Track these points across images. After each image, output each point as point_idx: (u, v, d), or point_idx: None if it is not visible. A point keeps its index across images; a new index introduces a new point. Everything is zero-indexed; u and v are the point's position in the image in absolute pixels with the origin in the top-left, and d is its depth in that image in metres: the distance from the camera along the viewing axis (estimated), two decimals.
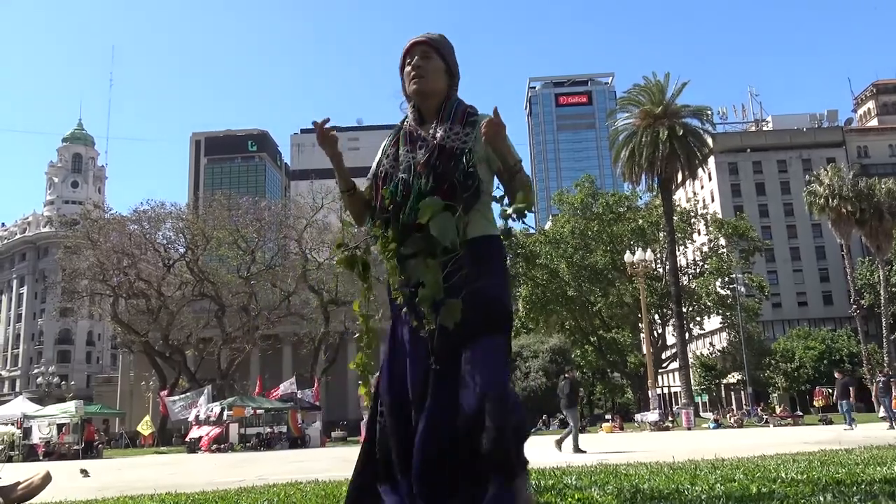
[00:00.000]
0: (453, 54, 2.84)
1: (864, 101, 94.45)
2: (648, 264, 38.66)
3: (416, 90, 2.74)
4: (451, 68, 2.81)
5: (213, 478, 10.53)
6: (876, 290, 51.62)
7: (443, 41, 2.81)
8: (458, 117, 2.70)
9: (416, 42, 2.77)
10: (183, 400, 33.15)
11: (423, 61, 2.73)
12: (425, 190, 2.55)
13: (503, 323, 2.53)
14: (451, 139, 2.64)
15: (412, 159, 2.67)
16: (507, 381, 2.47)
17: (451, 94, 2.80)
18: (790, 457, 7.16)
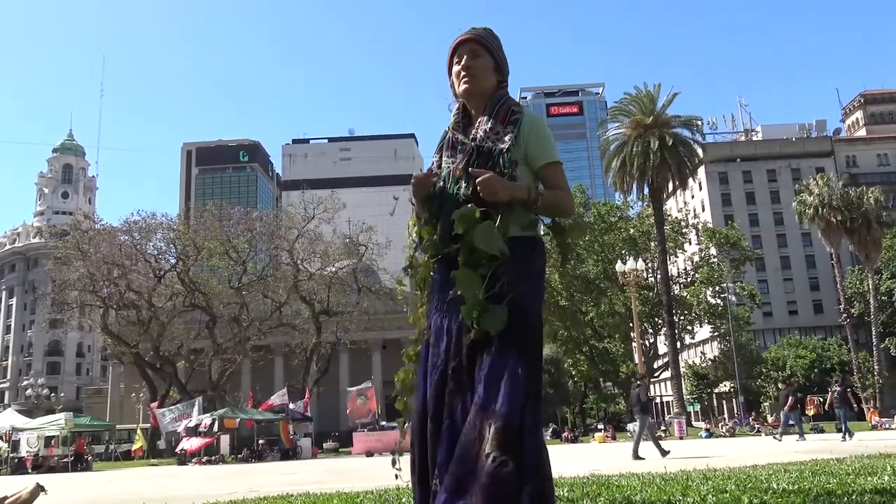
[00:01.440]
0: (501, 49, 2.74)
1: (853, 111, 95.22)
2: (640, 274, 38.76)
3: (466, 91, 2.66)
4: (500, 64, 2.71)
5: (204, 490, 10.46)
6: (866, 299, 51.86)
7: (490, 36, 2.71)
8: (500, 116, 2.60)
9: (464, 40, 2.68)
10: (173, 412, 32.95)
11: (472, 60, 2.64)
12: (462, 196, 2.48)
13: (526, 335, 2.37)
14: (489, 140, 2.56)
15: (451, 164, 2.62)
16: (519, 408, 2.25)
17: (499, 90, 2.70)
18: (782, 467, 7.18)
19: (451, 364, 2.42)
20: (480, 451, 2.18)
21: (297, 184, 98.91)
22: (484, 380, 2.29)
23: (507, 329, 2.32)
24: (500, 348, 2.31)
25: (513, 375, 2.28)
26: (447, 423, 2.35)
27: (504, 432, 2.19)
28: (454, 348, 2.43)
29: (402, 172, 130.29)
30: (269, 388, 48.41)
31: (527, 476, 2.20)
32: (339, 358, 51.86)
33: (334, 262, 43.17)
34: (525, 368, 2.32)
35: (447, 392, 2.40)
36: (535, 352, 2.40)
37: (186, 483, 13.22)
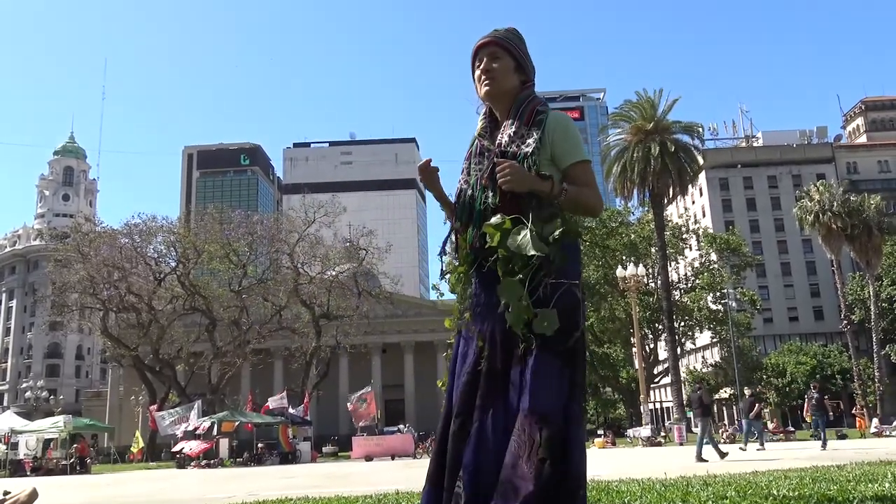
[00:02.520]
0: (524, 47, 2.72)
1: (854, 117, 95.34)
2: (640, 279, 38.75)
3: (487, 94, 2.66)
4: (523, 64, 2.69)
5: (203, 493, 10.45)
6: (866, 306, 51.82)
7: (510, 36, 2.71)
8: (524, 118, 2.58)
9: (483, 43, 2.68)
10: (172, 415, 32.90)
11: (492, 62, 2.64)
12: (490, 205, 2.48)
13: (570, 340, 2.35)
14: (513, 144, 2.54)
15: (479, 172, 2.61)
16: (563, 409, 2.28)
17: (524, 90, 2.67)
18: (782, 473, 7.16)
19: (485, 367, 2.42)
20: (532, 456, 2.19)
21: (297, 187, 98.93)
22: (531, 385, 2.28)
23: (552, 334, 2.31)
24: (545, 354, 2.30)
25: (560, 381, 2.30)
26: (476, 426, 2.35)
27: (553, 438, 2.21)
28: (489, 352, 2.43)
29: (402, 177, 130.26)
30: (268, 391, 48.36)
31: (580, 480, 2.25)
32: (339, 362, 51.85)
33: (335, 266, 43.18)
34: (571, 374, 2.34)
35: (479, 395, 2.39)
36: (580, 357, 2.40)
37: (185, 486, 13.20)
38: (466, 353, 2.53)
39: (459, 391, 2.46)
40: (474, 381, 2.43)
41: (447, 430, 2.46)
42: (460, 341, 2.59)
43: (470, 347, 2.52)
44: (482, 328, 2.49)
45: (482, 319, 2.50)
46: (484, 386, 2.40)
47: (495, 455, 2.28)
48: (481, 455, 2.30)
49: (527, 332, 2.31)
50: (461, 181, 2.70)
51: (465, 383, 2.45)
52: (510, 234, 2.34)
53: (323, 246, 43.00)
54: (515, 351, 2.35)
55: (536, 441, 2.20)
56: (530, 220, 2.37)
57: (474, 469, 2.29)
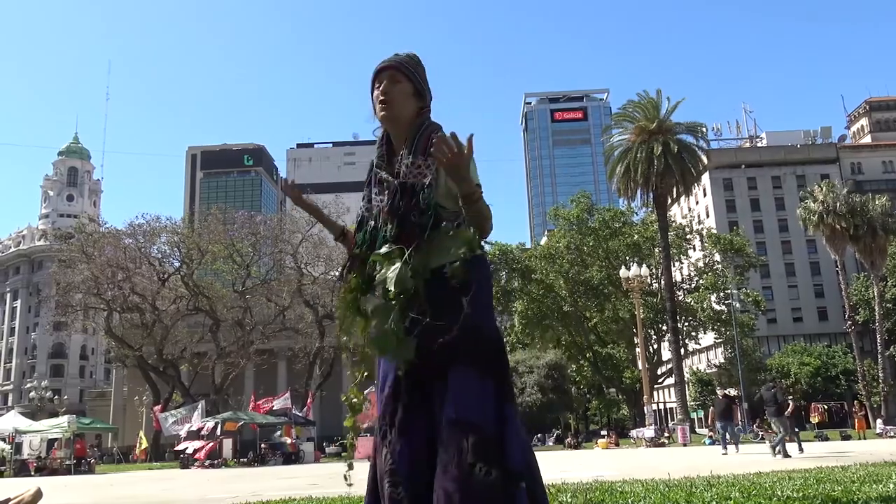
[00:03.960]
0: (422, 74, 2.70)
1: (858, 118, 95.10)
2: (644, 280, 38.68)
3: (383, 117, 2.63)
4: (420, 90, 2.67)
5: (206, 493, 10.45)
6: (871, 306, 51.67)
7: (410, 62, 2.68)
8: (420, 148, 2.56)
9: (383, 67, 2.66)
10: (175, 415, 32.93)
11: (390, 86, 2.61)
12: (389, 238, 2.48)
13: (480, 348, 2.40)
14: (412, 174, 2.52)
15: (380, 203, 2.61)
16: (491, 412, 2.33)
17: (420, 116, 2.65)
18: (786, 474, 7.14)
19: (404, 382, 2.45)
20: (462, 463, 2.24)
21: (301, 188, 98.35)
22: (453, 398, 2.32)
23: (463, 347, 2.35)
24: (461, 366, 2.36)
25: (481, 389, 2.34)
26: (405, 438, 2.39)
27: (483, 443, 2.26)
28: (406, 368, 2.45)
29: None
30: (272, 392, 48.29)
31: (515, 480, 2.27)
32: (342, 362, 51.77)
33: (338, 267, 43.16)
34: (490, 379, 2.37)
35: (401, 408, 2.44)
36: (496, 362, 2.43)
37: (189, 486, 13.21)
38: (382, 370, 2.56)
39: (383, 404, 2.50)
40: (396, 395, 2.47)
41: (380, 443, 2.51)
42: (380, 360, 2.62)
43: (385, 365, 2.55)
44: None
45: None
46: (405, 398, 2.44)
47: (427, 464, 2.33)
48: (414, 465, 2.35)
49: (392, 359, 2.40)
50: (362, 209, 2.71)
51: (388, 396, 2.49)
52: (384, 266, 2.38)
53: (326, 246, 43.02)
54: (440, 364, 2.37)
55: (464, 448, 2.25)
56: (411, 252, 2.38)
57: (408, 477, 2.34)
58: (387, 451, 2.42)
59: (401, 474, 2.36)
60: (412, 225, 2.45)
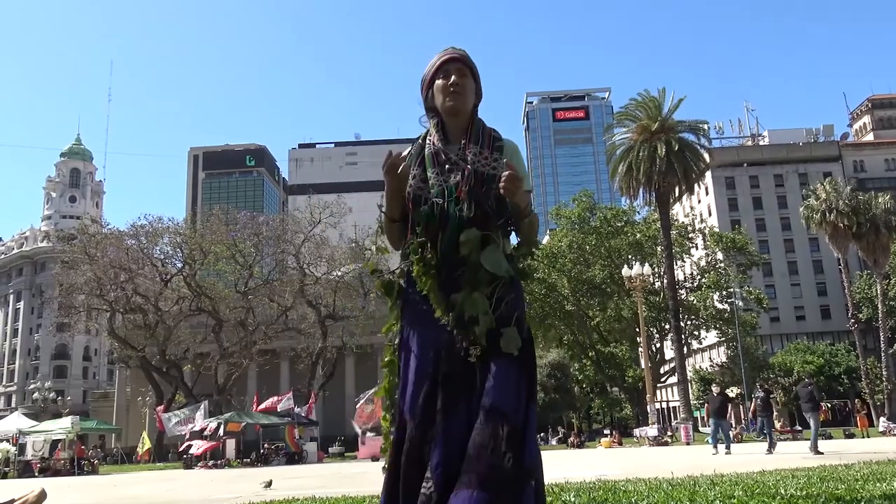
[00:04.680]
0: (479, 76, 2.83)
1: (860, 115, 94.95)
2: (646, 278, 38.63)
3: (453, 107, 2.70)
4: (479, 90, 2.81)
5: (210, 494, 10.47)
6: (874, 304, 51.60)
7: (472, 61, 2.79)
8: (485, 141, 2.68)
9: (453, 58, 2.73)
10: (178, 416, 32.97)
11: (461, 79, 2.71)
12: (466, 218, 2.54)
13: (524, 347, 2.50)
14: (481, 164, 2.62)
15: (444, 183, 2.63)
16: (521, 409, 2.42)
17: (475, 112, 2.78)
18: (789, 472, 7.14)
19: (443, 373, 2.49)
20: (497, 450, 2.31)
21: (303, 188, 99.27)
22: (493, 388, 2.41)
23: (500, 339, 2.46)
24: (503, 359, 2.45)
25: (517, 384, 2.44)
26: (442, 427, 2.42)
27: (513, 434, 2.35)
28: (446, 357, 2.50)
29: None
30: (274, 392, 48.31)
31: (528, 476, 2.37)
32: (345, 362, 51.89)
33: (340, 267, 43.20)
34: (526, 377, 2.48)
35: (441, 400, 2.46)
36: (532, 360, 2.55)
37: (192, 487, 13.23)
38: (418, 356, 2.58)
39: (420, 400, 2.50)
40: (434, 386, 2.49)
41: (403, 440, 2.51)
42: (407, 344, 2.64)
43: (421, 350, 2.58)
44: (437, 335, 2.54)
45: (437, 327, 2.55)
46: (444, 391, 2.47)
47: (461, 454, 2.37)
48: (449, 456, 2.38)
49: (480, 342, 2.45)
50: (413, 186, 2.68)
51: (425, 391, 2.51)
52: (486, 250, 2.49)
53: (328, 246, 43.04)
54: (469, 357, 2.47)
55: (500, 435, 2.33)
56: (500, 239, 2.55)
57: (444, 469, 2.36)
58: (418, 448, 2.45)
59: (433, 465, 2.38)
60: (486, 212, 2.57)
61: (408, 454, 2.47)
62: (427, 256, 2.58)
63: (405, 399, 2.56)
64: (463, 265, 2.52)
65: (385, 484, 2.54)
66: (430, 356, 2.54)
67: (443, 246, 2.56)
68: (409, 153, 2.78)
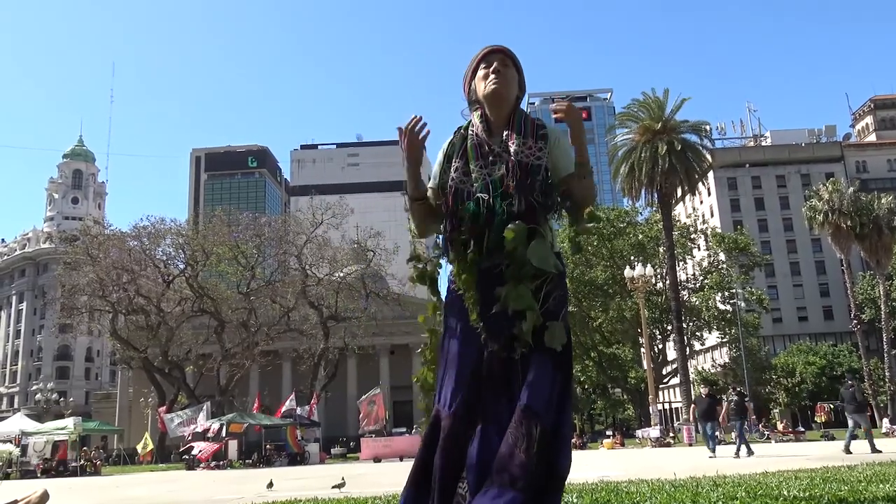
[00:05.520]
0: (522, 70, 2.83)
1: (862, 116, 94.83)
2: (648, 279, 38.63)
3: (495, 91, 2.68)
4: (522, 82, 2.80)
5: (212, 495, 10.48)
6: (877, 305, 51.51)
7: (514, 55, 2.80)
8: (529, 130, 2.64)
9: (495, 49, 2.75)
10: (181, 417, 33.00)
11: (504, 67, 2.70)
12: (512, 212, 2.49)
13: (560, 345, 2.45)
14: (525, 154, 2.58)
15: (488, 176, 2.58)
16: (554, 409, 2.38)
17: (517, 105, 2.76)
18: (792, 474, 7.12)
19: (486, 370, 2.48)
20: (530, 449, 2.28)
21: (305, 189, 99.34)
22: (529, 386, 2.37)
23: (541, 337, 2.43)
24: (542, 357, 2.42)
25: (553, 383, 2.41)
26: (481, 427, 2.41)
27: (545, 434, 2.32)
28: (488, 356, 2.48)
29: None
30: (277, 393, 48.48)
31: (557, 480, 2.35)
32: (347, 363, 51.92)
33: (342, 268, 43.23)
34: (562, 376, 2.44)
35: (483, 397, 2.45)
36: (570, 360, 2.51)
37: (194, 488, 13.23)
38: (458, 352, 2.55)
39: (462, 393, 2.48)
40: (475, 384, 2.47)
41: (437, 432, 2.48)
42: (448, 339, 2.61)
43: (462, 346, 2.55)
44: (477, 328, 2.52)
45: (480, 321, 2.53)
46: (485, 390, 2.45)
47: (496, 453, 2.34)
48: (486, 455, 2.34)
49: (526, 338, 2.41)
50: (456, 179, 2.64)
51: (467, 386, 2.48)
52: (532, 244, 2.43)
53: (331, 247, 43.05)
54: (512, 353, 2.44)
55: (534, 435, 2.29)
56: (547, 232, 2.50)
57: (479, 469, 2.33)
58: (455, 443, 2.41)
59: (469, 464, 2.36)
60: (531, 204, 2.52)
61: (443, 451, 2.44)
62: (469, 254, 2.56)
63: (443, 395, 2.54)
64: (507, 262, 2.47)
65: (411, 477, 2.50)
66: (472, 353, 2.51)
67: (489, 243, 2.52)
68: (449, 141, 2.76)
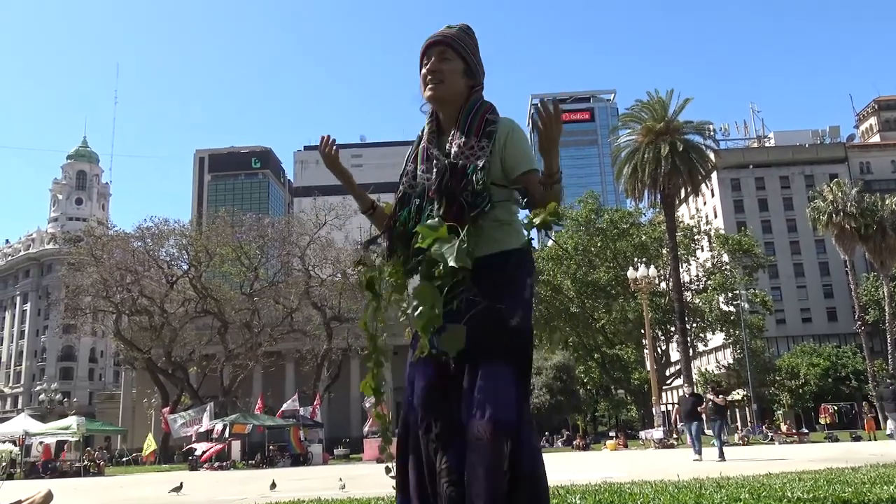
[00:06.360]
0: (475, 50, 2.61)
1: (866, 117, 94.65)
2: (652, 280, 38.57)
3: (431, 97, 2.55)
4: (472, 67, 2.57)
5: (215, 495, 10.49)
6: (881, 306, 51.41)
7: (462, 36, 2.58)
8: (475, 128, 2.48)
9: (432, 42, 2.57)
10: (184, 417, 33.04)
11: (439, 63, 2.53)
12: (436, 216, 2.37)
13: (509, 343, 2.34)
14: (463, 156, 2.44)
15: (427, 181, 2.52)
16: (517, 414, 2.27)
17: (472, 95, 2.57)
18: (796, 475, 7.11)
19: (437, 375, 2.41)
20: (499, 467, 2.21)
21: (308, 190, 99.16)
22: (479, 391, 2.28)
23: (491, 340, 2.31)
24: (489, 360, 2.30)
25: (505, 384, 2.29)
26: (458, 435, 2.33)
27: (515, 447, 2.23)
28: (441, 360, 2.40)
29: None
30: (280, 394, 48.46)
31: (523, 484, 2.24)
32: (350, 364, 51.83)
33: (345, 268, 43.22)
34: (514, 375, 2.31)
35: (444, 399, 2.39)
36: (519, 358, 2.37)
37: (197, 488, 13.24)
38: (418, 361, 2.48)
39: (421, 398, 2.44)
40: (433, 388, 2.42)
41: (408, 438, 2.45)
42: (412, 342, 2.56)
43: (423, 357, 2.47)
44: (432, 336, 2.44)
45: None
46: (441, 393, 2.39)
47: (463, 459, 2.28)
48: (458, 459, 2.29)
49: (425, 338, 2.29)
50: (404, 184, 2.62)
51: (424, 388, 2.44)
52: (439, 241, 2.28)
53: (334, 248, 43.05)
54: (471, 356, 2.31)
55: (504, 452, 2.21)
56: (465, 232, 2.30)
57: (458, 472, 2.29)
58: (436, 445, 2.35)
59: (458, 472, 2.29)
60: (462, 206, 2.37)
61: (403, 454, 2.43)
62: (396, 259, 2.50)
63: (411, 398, 2.50)
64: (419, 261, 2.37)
65: (398, 483, 2.49)
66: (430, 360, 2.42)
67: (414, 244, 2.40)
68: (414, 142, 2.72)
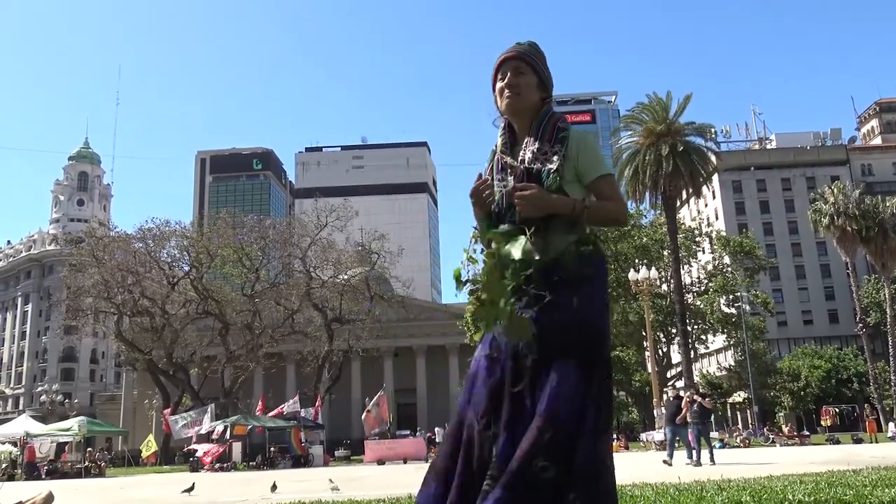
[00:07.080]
0: (545, 64, 2.80)
1: (868, 119, 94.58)
2: (653, 282, 38.56)
3: (510, 107, 2.72)
4: (544, 81, 2.77)
5: (217, 497, 10.49)
6: (882, 309, 51.34)
7: (534, 52, 2.78)
8: (546, 135, 2.67)
9: (508, 57, 2.75)
10: (185, 418, 33.05)
11: (516, 77, 2.71)
12: (514, 221, 2.55)
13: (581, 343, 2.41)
14: (537, 161, 2.62)
15: (504, 188, 2.65)
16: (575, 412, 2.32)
17: (544, 107, 2.76)
18: (797, 478, 7.11)
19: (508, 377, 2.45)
20: (532, 457, 2.26)
21: (309, 192, 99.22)
22: (550, 392, 2.35)
23: (563, 342, 2.39)
24: (559, 361, 2.38)
25: (568, 384, 2.35)
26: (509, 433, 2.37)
27: (553, 439, 2.27)
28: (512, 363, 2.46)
29: (414, 180, 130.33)
30: (281, 395, 48.48)
31: (575, 482, 2.26)
32: (351, 365, 51.96)
33: (347, 270, 43.26)
34: (581, 375, 2.37)
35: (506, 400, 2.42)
36: (594, 358, 2.43)
37: (199, 489, 13.24)
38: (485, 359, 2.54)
39: (484, 395, 2.47)
40: (498, 388, 2.46)
41: (460, 432, 2.48)
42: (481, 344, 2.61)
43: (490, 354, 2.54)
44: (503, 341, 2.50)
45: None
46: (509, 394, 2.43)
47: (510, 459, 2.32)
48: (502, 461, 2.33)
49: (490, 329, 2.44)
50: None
51: (490, 389, 2.48)
52: (508, 241, 2.43)
53: (335, 250, 43.09)
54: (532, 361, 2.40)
55: (541, 443, 2.26)
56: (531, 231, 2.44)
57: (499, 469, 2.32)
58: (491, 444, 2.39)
59: (499, 469, 2.32)
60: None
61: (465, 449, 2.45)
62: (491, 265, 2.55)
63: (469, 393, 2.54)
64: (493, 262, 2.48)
65: (430, 472, 2.50)
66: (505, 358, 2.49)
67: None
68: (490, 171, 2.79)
